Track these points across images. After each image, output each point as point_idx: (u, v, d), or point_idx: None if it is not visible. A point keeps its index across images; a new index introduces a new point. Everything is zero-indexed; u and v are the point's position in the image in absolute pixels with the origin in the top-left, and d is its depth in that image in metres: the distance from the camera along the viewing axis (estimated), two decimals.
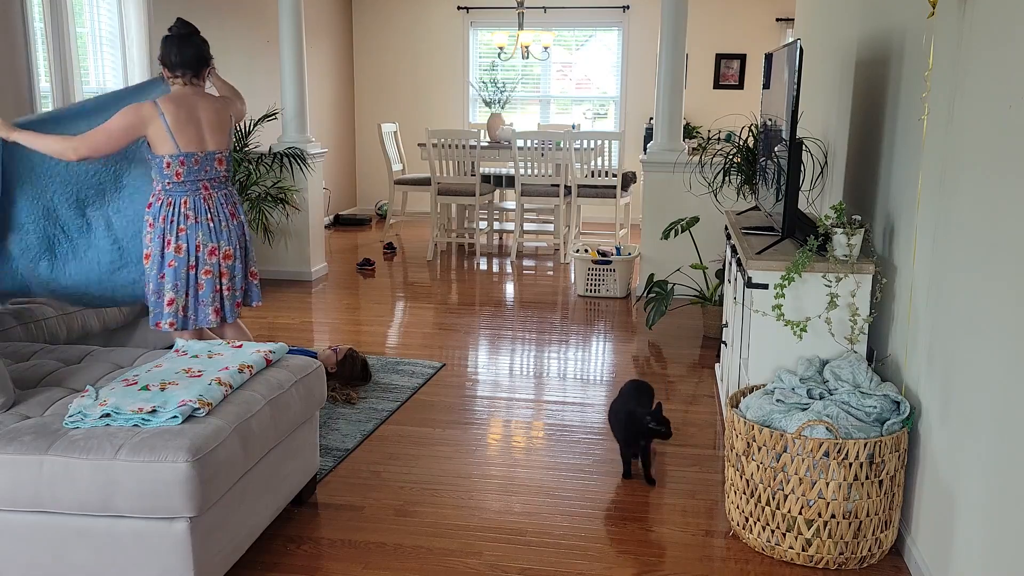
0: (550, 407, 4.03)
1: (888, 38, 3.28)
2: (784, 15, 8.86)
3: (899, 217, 3.01)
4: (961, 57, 2.45)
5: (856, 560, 2.65)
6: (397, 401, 4.01)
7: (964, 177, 2.40)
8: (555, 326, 5.40)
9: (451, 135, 7.25)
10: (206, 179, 3.39)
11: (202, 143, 3.36)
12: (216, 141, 3.41)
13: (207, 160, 3.39)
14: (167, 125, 3.26)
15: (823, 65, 4.55)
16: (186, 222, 3.35)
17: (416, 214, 8.56)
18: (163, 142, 3.27)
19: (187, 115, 3.31)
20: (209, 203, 3.39)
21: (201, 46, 3.41)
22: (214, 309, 3.43)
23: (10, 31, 4.67)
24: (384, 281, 6.69)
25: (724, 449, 3.02)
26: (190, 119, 3.32)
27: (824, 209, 4.03)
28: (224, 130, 3.45)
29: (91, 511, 2.26)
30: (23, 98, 4.78)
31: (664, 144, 6.03)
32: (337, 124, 9.51)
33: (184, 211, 3.35)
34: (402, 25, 9.72)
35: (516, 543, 2.82)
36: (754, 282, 3.07)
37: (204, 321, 3.43)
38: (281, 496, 2.78)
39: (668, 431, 3.18)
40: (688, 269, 5.61)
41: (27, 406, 2.49)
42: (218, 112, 3.44)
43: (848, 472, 2.56)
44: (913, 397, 2.74)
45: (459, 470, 3.35)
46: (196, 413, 2.39)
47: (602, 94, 9.68)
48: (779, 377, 2.92)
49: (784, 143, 3.22)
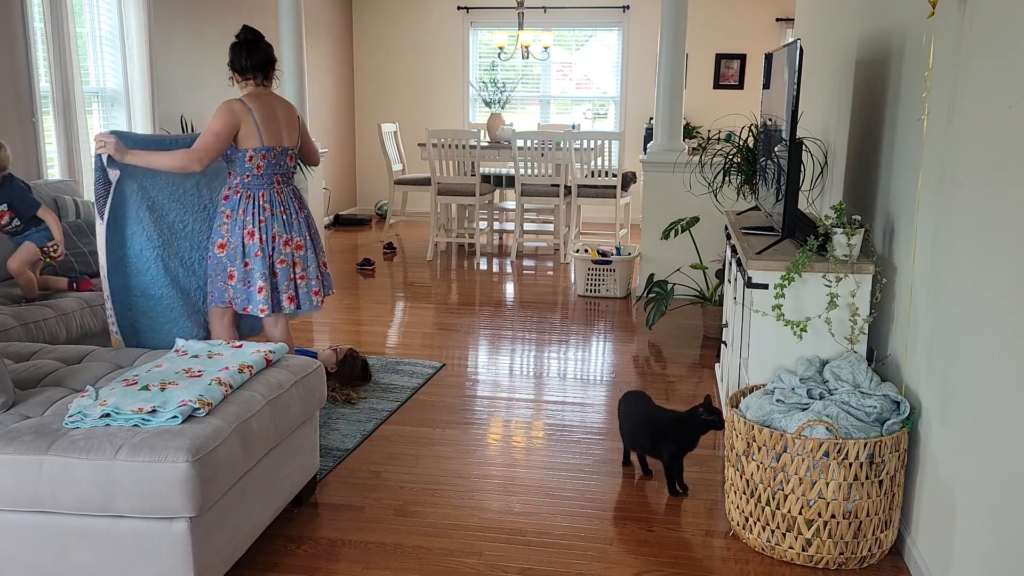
0: (550, 407, 4.03)
1: (888, 38, 3.28)
2: (784, 15, 8.87)
3: (899, 217, 3.01)
4: (961, 57, 2.45)
5: (856, 560, 2.65)
6: (397, 401, 4.01)
7: (964, 177, 2.39)
8: (555, 326, 5.40)
9: (451, 135, 7.25)
10: (279, 174, 3.59)
11: (280, 139, 3.54)
12: (290, 138, 3.60)
13: (282, 155, 3.57)
14: (255, 120, 3.44)
15: (823, 65, 4.55)
16: (264, 214, 3.51)
17: (416, 214, 8.56)
18: (250, 136, 3.44)
19: (268, 112, 3.50)
20: (281, 196, 3.58)
21: (267, 49, 3.56)
22: (288, 297, 3.61)
23: (10, 31, 4.67)
24: (384, 281, 6.69)
25: (724, 449, 3.02)
26: (271, 116, 3.51)
27: (824, 209, 4.03)
28: (295, 128, 3.65)
29: (91, 511, 2.26)
30: (23, 98, 4.78)
31: (664, 144, 6.03)
32: (337, 124, 9.51)
33: (262, 203, 3.52)
34: (402, 25, 9.72)
35: (516, 543, 2.82)
36: (754, 282, 3.07)
37: (280, 308, 3.61)
38: (281, 496, 2.78)
39: (722, 420, 3.11)
40: (688, 269, 5.62)
41: (27, 406, 2.49)
42: (288, 112, 3.64)
43: (848, 472, 2.56)
44: (913, 397, 2.74)
45: (459, 470, 3.35)
46: (196, 413, 2.39)
47: (602, 94, 9.68)
48: (779, 377, 2.92)
49: (784, 143, 3.22)
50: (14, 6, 4.67)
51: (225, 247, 3.51)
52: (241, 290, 3.53)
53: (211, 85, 6.67)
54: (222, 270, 3.53)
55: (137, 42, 5.70)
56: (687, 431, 3.12)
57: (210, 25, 6.75)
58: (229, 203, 3.52)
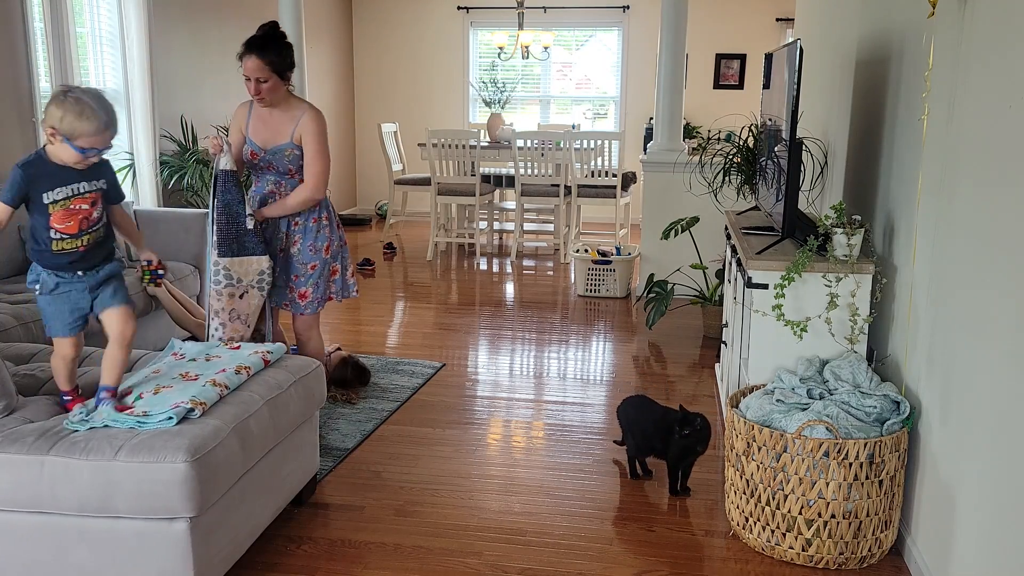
0: (550, 407, 4.03)
1: (888, 38, 3.28)
2: (784, 15, 8.86)
3: (899, 217, 3.01)
4: (961, 57, 2.45)
5: (856, 560, 2.65)
6: (397, 401, 4.01)
7: (964, 177, 2.39)
8: (555, 326, 5.40)
9: (451, 135, 7.25)
10: None
11: None
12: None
13: None
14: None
15: (823, 65, 4.55)
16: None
17: (416, 214, 8.56)
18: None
19: None
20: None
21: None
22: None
23: (10, 31, 4.67)
24: (384, 281, 6.69)
25: (724, 449, 3.02)
26: None
27: (824, 209, 4.03)
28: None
29: (91, 512, 2.26)
30: (23, 98, 4.78)
31: (664, 144, 6.03)
32: (337, 124, 9.51)
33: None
34: (402, 25, 9.72)
35: (516, 543, 2.82)
36: (754, 282, 3.07)
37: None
38: (281, 496, 2.78)
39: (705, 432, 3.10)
40: (688, 269, 5.61)
41: (29, 411, 2.47)
42: None
43: (848, 472, 2.56)
44: (913, 397, 2.74)
45: (459, 470, 3.34)
46: (191, 414, 2.39)
47: (602, 94, 9.68)
48: (779, 377, 2.92)
49: (784, 143, 3.22)
50: (14, 6, 4.67)
51: (330, 249, 3.48)
52: (339, 280, 3.55)
53: (211, 85, 6.67)
54: (327, 270, 3.50)
55: (137, 42, 5.69)
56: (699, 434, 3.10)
57: (210, 25, 6.74)
58: (322, 208, 3.44)
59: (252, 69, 3.17)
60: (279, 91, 3.27)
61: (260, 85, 3.19)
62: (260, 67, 3.17)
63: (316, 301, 3.51)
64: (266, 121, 3.35)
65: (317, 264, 3.46)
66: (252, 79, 3.19)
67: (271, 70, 3.18)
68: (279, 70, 3.22)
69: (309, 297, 3.49)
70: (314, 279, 3.47)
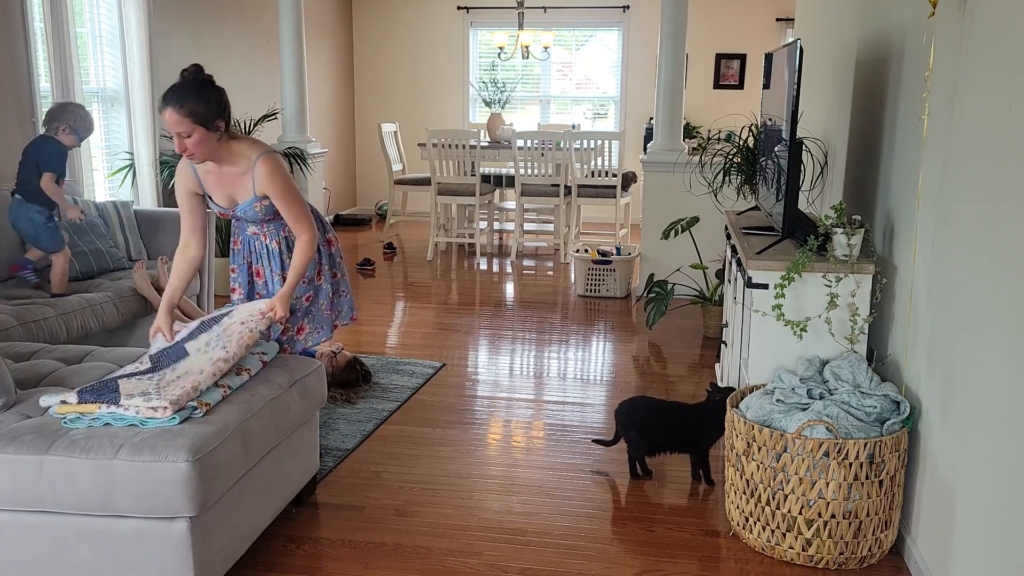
0: (550, 407, 4.03)
1: (888, 38, 3.28)
2: (784, 15, 8.86)
3: (899, 217, 3.01)
4: (961, 57, 2.45)
5: (856, 560, 2.65)
6: (397, 401, 4.01)
7: (964, 177, 2.40)
8: (555, 326, 5.40)
9: (451, 135, 7.25)
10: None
11: None
12: None
13: None
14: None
15: (823, 65, 4.55)
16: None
17: (416, 214, 8.55)
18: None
19: None
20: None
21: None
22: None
23: (10, 31, 4.67)
24: (384, 281, 6.69)
25: (724, 449, 3.02)
26: None
27: (824, 209, 4.03)
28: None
29: (91, 511, 2.26)
30: (23, 98, 4.78)
31: (664, 144, 6.03)
32: (337, 124, 9.51)
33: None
34: (402, 25, 9.72)
35: (516, 543, 2.82)
36: (754, 282, 3.07)
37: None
38: (281, 496, 2.78)
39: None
40: (688, 269, 5.62)
41: (27, 406, 2.49)
42: None
43: (848, 472, 2.56)
44: (913, 397, 2.74)
45: (459, 470, 3.35)
46: (194, 414, 2.39)
47: (602, 94, 9.68)
48: (779, 377, 2.92)
49: (784, 143, 3.22)
50: (14, 6, 4.67)
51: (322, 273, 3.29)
52: (343, 301, 3.39)
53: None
54: (327, 298, 3.29)
55: (137, 42, 5.69)
56: (721, 415, 3.09)
57: (210, 25, 6.74)
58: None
59: (171, 124, 2.76)
60: (208, 143, 2.82)
61: (184, 141, 2.78)
62: (179, 120, 2.74)
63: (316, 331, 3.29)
64: (219, 179, 2.98)
65: (311, 295, 3.25)
66: (174, 134, 2.79)
67: (193, 121, 2.75)
68: (203, 121, 2.77)
69: (313, 333, 3.29)
70: (315, 309, 3.29)
